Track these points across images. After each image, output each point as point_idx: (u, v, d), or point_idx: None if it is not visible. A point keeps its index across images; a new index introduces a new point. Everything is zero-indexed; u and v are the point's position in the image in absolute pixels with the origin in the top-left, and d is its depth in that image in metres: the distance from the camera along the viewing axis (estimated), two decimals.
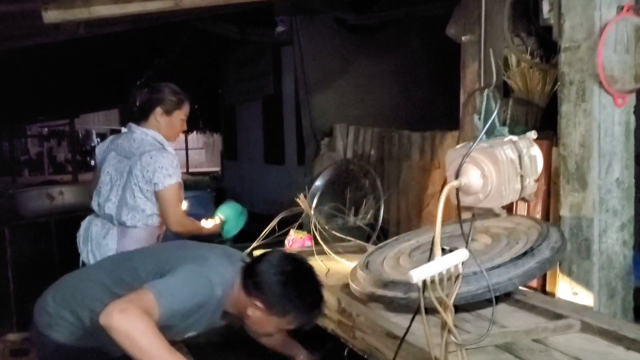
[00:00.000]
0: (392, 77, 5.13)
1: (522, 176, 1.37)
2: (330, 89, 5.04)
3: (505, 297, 2.42)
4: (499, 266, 2.23)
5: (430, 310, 2.18)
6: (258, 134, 10.95)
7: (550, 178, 2.86)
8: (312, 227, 3.83)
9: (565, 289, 2.68)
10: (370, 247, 3.22)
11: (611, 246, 2.58)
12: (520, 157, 1.38)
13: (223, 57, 11.31)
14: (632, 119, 2.65)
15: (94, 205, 3.19)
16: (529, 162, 1.39)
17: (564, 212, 2.66)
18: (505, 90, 3.26)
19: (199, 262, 2.09)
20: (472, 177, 1.39)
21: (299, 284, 2.08)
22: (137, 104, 3.19)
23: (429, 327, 2.02)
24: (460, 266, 1.43)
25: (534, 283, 2.98)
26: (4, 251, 4.65)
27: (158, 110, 3.14)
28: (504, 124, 3.21)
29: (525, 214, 2.90)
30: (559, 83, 2.70)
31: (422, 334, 1.65)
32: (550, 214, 2.84)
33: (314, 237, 3.54)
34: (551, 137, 2.81)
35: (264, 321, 2.11)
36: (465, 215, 2.16)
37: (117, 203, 3.09)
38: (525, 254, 2.27)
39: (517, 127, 3.26)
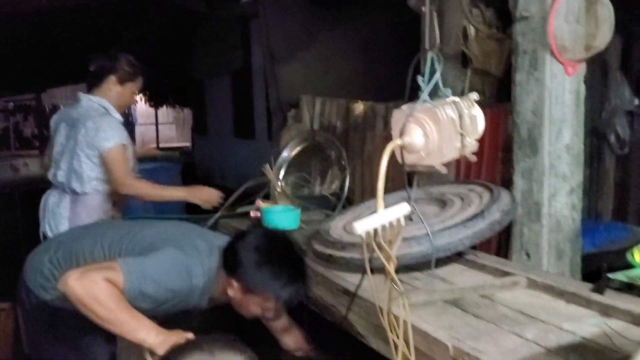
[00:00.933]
0: (357, 49, 5.18)
1: (462, 135, 1.44)
2: (297, 60, 5.07)
3: (458, 257, 2.52)
4: (450, 227, 2.33)
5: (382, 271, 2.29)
6: (228, 109, 10.92)
7: (505, 145, 2.97)
8: (279, 196, 3.90)
9: (517, 250, 2.80)
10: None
11: (560, 210, 2.70)
12: (460, 117, 1.45)
13: (192, 31, 11.20)
14: (582, 87, 2.75)
15: (50, 176, 3.24)
16: (470, 121, 1.46)
17: (516, 177, 2.77)
18: (464, 61, 3.34)
19: (184, 250, 2.03)
20: (414, 135, 1.46)
21: (275, 263, 2.04)
22: (92, 69, 3.20)
23: (381, 284, 2.12)
24: (402, 219, 1.51)
25: (491, 246, 3.10)
26: None
27: (112, 78, 3.16)
28: (462, 93, 3.32)
29: (482, 179, 3.01)
30: (513, 53, 2.79)
31: (376, 295, 1.73)
32: (504, 180, 2.96)
33: None
34: (507, 106, 2.91)
35: (245, 301, 2.06)
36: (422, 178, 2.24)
37: (66, 171, 3.14)
38: (475, 216, 2.38)
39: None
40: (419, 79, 1.46)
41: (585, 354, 1.58)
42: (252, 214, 3.48)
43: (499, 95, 3.32)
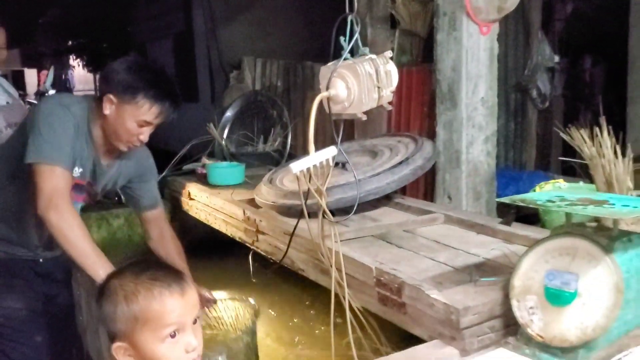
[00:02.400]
0: (296, 10, 5.35)
1: (379, 87, 1.69)
2: (238, 22, 5.20)
3: (388, 200, 2.81)
4: (378, 174, 2.61)
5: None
6: (170, 72, 10.82)
7: (431, 100, 3.26)
8: (225, 153, 4.12)
9: (440, 194, 3.12)
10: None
11: (477, 157, 3.02)
12: (377, 71, 1.69)
13: None
14: (496, 45, 3.05)
15: None
16: (385, 75, 1.71)
17: (439, 128, 3.07)
18: (392, 23, 3.59)
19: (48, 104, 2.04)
20: (338, 88, 1.70)
21: (145, 70, 2.01)
22: None
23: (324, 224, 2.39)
24: (330, 160, 1.77)
25: (419, 192, 3.42)
26: None
27: None
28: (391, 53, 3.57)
29: (409, 132, 3.30)
30: (434, 14, 3.06)
31: (314, 232, 1.98)
32: (430, 132, 3.26)
33: None
34: (432, 65, 3.18)
35: (121, 115, 1.95)
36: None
37: None
38: (401, 163, 2.66)
39: (403, 56, 3.63)
40: (341, 39, 1.69)
41: (485, 270, 1.90)
42: (198, 170, 3.67)
43: (425, 55, 3.60)
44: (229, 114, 4.50)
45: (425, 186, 3.36)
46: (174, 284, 1.20)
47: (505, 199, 1.57)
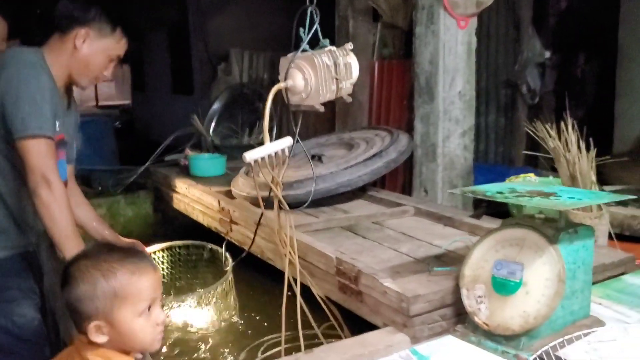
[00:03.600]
0: (284, 3, 5.34)
1: (337, 79, 1.71)
2: (226, 14, 5.20)
3: (362, 193, 2.83)
4: (351, 166, 2.63)
5: (296, 205, 2.57)
6: (165, 64, 10.82)
7: (410, 94, 3.27)
8: (208, 145, 4.14)
9: (417, 188, 3.14)
10: None
11: (453, 150, 3.04)
12: (336, 63, 1.71)
13: None
14: (474, 39, 3.06)
15: None
16: (344, 68, 1.72)
17: (416, 121, 3.09)
18: (375, 16, 3.61)
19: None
20: (296, 79, 1.72)
21: (113, 8, 2.02)
22: None
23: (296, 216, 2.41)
24: (286, 150, 1.78)
25: (397, 185, 3.44)
26: None
27: None
28: (373, 46, 3.59)
29: (388, 126, 3.32)
30: (414, 8, 3.07)
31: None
32: (409, 125, 3.27)
33: None
34: (410, 58, 3.20)
35: (95, 48, 1.92)
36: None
37: None
38: (374, 156, 2.69)
39: (384, 49, 3.64)
40: (300, 30, 1.71)
41: (445, 260, 1.92)
42: (180, 162, 3.70)
43: (407, 49, 3.61)
44: (215, 106, 4.52)
45: (404, 179, 3.38)
46: (145, 260, 1.26)
47: (455, 190, 1.59)
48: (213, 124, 4.54)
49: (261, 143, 4.43)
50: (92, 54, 1.93)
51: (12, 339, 1.84)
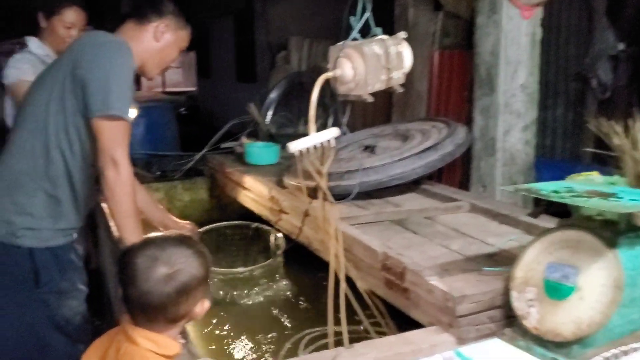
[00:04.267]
0: None
1: (388, 69, 1.65)
2: (287, 1, 5.18)
3: (415, 187, 2.76)
4: (405, 158, 2.57)
5: (346, 196, 2.54)
6: (230, 52, 10.95)
7: (471, 85, 3.17)
8: (264, 134, 4.15)
9: (475, 183, 3.05)
10: None
11: (514, 145, 2.92)
12: (387, 52, 1.65)
13: None
14: (538, 30, 2.92)
15: None
16: (396, 57, 1.66)
17: (476, 114, 2.99)
18: (436, 4, 3.51)
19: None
20: (345, 68, 1.67)
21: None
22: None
23: (344, 208, 2.38)
24: (332, 141, 1.75)
25: (455, 179, 3.35)
26: None
27: (40, 14, 2.76)
28: (434, 36, 3.50)
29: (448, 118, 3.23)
30: None
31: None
32: (468, 117, 3.17)
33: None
34: (472, 48, 3.10)
35: (173, 41, 1.99)
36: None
37: None
38: (429, 148, 2.61)
39: (446, 39, 3.54)
40: (351, 19, 1.67)
41: (496, 260, 1.84)
42: (237, 149, 3.72)
43: (469, 39, 3.50)
44: (273, 94, 4.53)
45: (462, 173, 3.29)
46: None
47: (508, 188, 1.52)
48: (270, 113, 4.55)
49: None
50: (169, 45, 2.00)
51: (53, 332, 1.87)
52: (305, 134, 4.32)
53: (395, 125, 3.23)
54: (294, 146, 1.70)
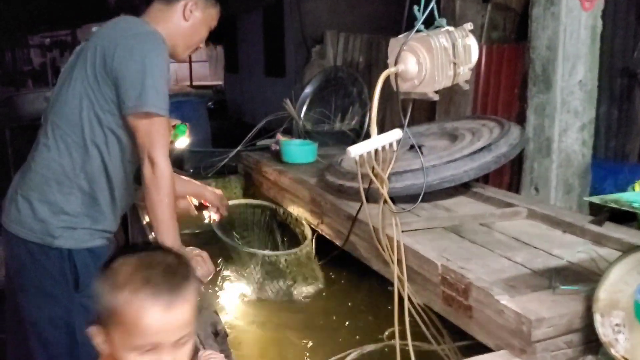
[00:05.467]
0: None
1: (455, 63, 1.49)
2: None
3: (466, 189, 2.59)
4: (456, 160, 2.40)
5: (394, 200, 2.39)
6: (259, 46, 10.86)
7: (522, 81, 2.99)
8: (299, 130, 4.01)
9: (527, 185, 2.87)
10: None
11: (570, 145, 2.74)
12: (454, 45, 1.49)
13: None
14: (599, 23, 2.73)
15: None
16: (463, 50, 1.50)
17: (529, 112, 2.81)
18: None
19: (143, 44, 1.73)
20: (408, 63, 1.52)
21: None
22: None
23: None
24: (394, 144, 1.59)
25: (503, 181, 3.17)
26: (5, 152, 4.84)
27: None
28: (482, 28, 3.31)
29: (496, 116, 3.05)
30: None
31: (375, 218, 1.83)
32: (520, 116, 2.99)
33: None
34: (526, 42, 2.91)
35: (203, 19, 1.89)
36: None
37: None
38: (482, 149, 2.44)
39: (494, 32, 3.35)
40: (415, 9, 1.51)
41: (568, 275, 1.67)
42: (271, 147, 3.58)
43: (520, 31, 3.30)
44: (307, 90, 4.38)
45: (510, 175, 3.10)
46: (165, 294, 1.01)
47: (594, 199, 1.35)
48: (305, 109, 4.40)
49: (353, 130, 4.25)
50: (198, 24, 1.90)
51: (61, 334, 1.74)
52: (341, 131, 4.20)
53: (441, 123, 3.06)
54: (355, 151, 1.55)
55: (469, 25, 1.56)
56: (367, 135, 4.27)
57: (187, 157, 4.14)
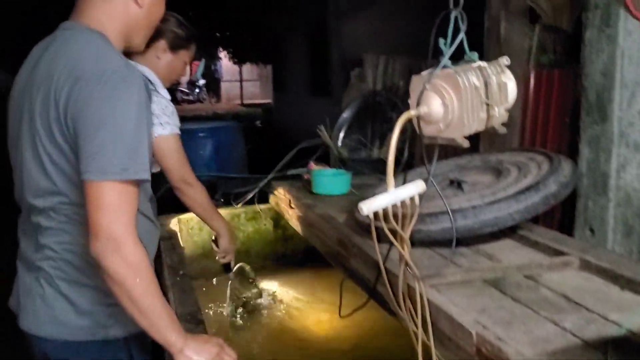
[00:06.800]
0: (426, 2, 4.88)
1: (488, 105, 1.28)
2: (363, 16, 4.86)
3: (510, 231, 2.34)
4: (500, 200, 2.16)
5: (429, 243, 2.17)
6: (305, 66, 10.84)
7: (574, 110, 2.72)
8: (334, 158, 3.82)
9: (581, 226, 2.59)
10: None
11: (630, 182, 2.45)
12: (487, 84, 1.28)
13: None
14: None
15: None
16: (498, 89, 1.28)
17: (582, 145, 2.54)
18: (532, 17, 3.07)
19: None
20: (432, 105, 1.31)
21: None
22: None
23: (425, 259, 2.01)
24: (417, 198, 1.38)
25: (554, 220, 2.89)
26: None
27: (161, 43, 2.41)
28: (529, 52, 3.06)
29: (545, 148, 2.79)
30: (584, 7, 2.52)
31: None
32: (571, 148, 2.72)
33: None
34: (577, 67, 2.64)
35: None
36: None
37: None
38: (529, 188, 2.19)
39: (543, 56, 3.09)
40: (440, 41, 1.30)
41: (627, 351, 1.41)
42: (304, 176, 3.41)
43: (571, 55, 3.04)
44: (345, 115, 4.20)
45: (562, 213, 2.82)
46: None
47: None
48: (341, 135, 4.22)
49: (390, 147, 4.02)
50: (155, 7, 1.60)
51: None
52: (378, 159, 3.98)
53: (485, 155, 2.82)
54: (368, 207, 1.34)
55: (504, 60, 1.34)
56: (407, 164, 4.03)
57: (218, 183, 4.02)
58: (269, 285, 3.30)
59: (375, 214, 1.35)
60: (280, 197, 3.34)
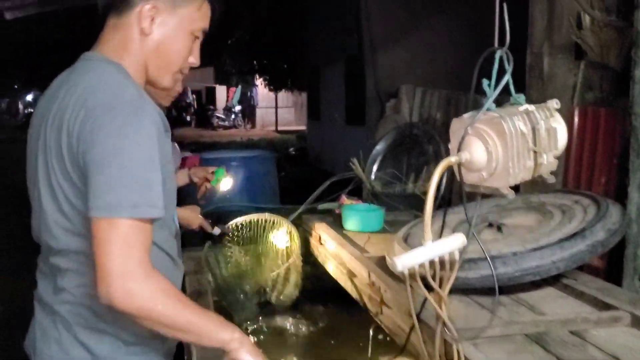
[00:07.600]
0: (466, 33, 4.79)
1: (535, 152, 1.17)
2: (399, 46, 4.80)
3: (554, 280, 2.20)
4: (543, 248, 2.02)
5: (466, 290, 2.04)
6: (340, 95, 10.84)
7: (623, 151, 2.58)
8: (367, 192, 3.72)
9: (629, 275, 2.43)
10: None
11: None
12: (534, 129, 1.17)
13: (307, 14, 11.19)
14: None
15: None
16: (547, 135, 1.18)
17: (632, 189, 2.40)
18: (577, 53, 2.95)
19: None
20: (475, 151, 1.21)
21: None
22: None
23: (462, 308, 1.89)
24: (457, 254, 1.27)
25: (600, 267, 2.73)
26: None
27: None
28: (574, 89, 2.93)
29: (591, 190, 2.65)
30: (634, 44, 2.39)
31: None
32: (619, 192, 2.57)
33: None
34: (624, 105, 2.51)
35: (170, 28, 1.39)
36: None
37: None
38: (575, 235, 2.05)
39: (589, 93, 2.96)
40: (484, 83, 1.20)
41: None
42: (335, 210, 3.31)
43: (619, 94, 2.90)
44: (379, 147, 4.10)
45: (609, 259, 2.66)
46: None
47: None
48: (375, 168, 4.12)
49: (426, 193, 3.89)
50: (169, 33, 1.39)
51: None
52: (413, 194, 3.86)
53: (526, 196, 2.68)
54: (403, 264, 1.24)
55: (554, 103, 1.23)
56: (444, 200, 3.89)
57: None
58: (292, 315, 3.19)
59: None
60: (310, 232, 3.24)
